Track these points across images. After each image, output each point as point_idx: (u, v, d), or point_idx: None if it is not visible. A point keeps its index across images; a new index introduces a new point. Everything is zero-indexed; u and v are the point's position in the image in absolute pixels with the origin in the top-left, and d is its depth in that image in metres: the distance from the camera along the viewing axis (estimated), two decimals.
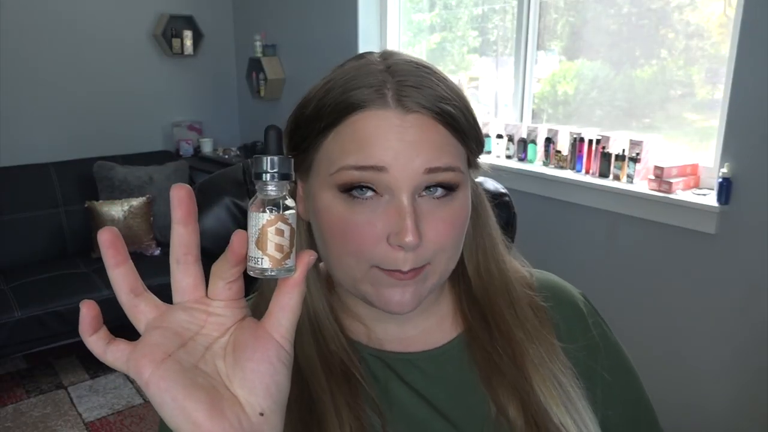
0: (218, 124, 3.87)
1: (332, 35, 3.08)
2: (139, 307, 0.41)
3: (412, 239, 0.51)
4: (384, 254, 0.53)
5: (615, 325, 0.70)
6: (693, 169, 1.95)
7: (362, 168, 0.52)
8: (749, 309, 1.76)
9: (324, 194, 0.55)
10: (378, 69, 0.54)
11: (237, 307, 0.43)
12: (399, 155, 0.51)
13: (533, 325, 0.63)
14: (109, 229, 0.40)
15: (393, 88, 0.53)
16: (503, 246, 0.66)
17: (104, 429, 2.39)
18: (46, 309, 2.53)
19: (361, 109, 0.52)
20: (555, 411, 0.59)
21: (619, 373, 0.69)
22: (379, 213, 0.53)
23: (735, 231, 1.76)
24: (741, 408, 1.83)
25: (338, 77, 0.55)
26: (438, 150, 0.53)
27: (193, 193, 0.41)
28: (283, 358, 0.42)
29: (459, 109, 0.54)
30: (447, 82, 0.55)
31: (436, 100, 0.53)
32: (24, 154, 3.15)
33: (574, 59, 2.34)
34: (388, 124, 0.52)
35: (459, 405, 0.61)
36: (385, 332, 0.64)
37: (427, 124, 0.53)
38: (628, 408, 0.69)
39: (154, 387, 0.38)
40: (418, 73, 0.54)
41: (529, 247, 0.70)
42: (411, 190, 0.52)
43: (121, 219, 2.97)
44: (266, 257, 0.40)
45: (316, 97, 0.56)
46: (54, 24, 3.20)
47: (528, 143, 2.37)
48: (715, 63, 1.92)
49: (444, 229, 0.54)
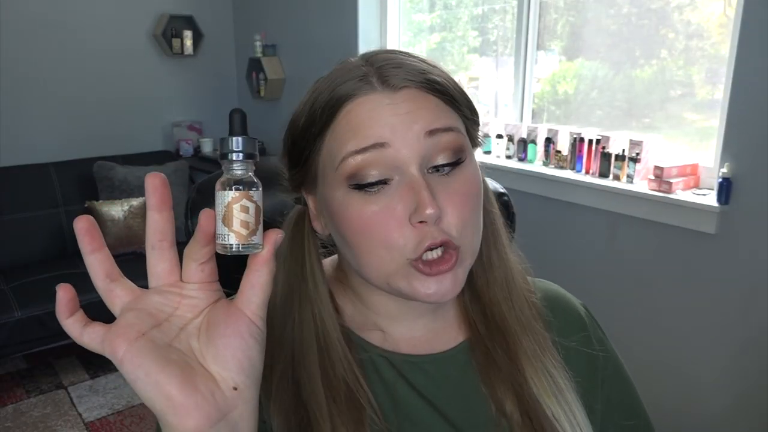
0: (218, 124, 3.87)
1: (332, 35, 3.08)
2: (114, 291, 0.43)
3: (432, 210, 0.50)
4: (410, 237, 0.52)
5: (615, 324, 0.71)
6: (693, 169, 1.95)
7: (364, 150, 0.52)
8: (749, 309, 1.76)
9: (336, 194, 0.55)
10: (357, 64, 0.56)
11: (210, 289, 0.44)
12: (396, 127, 0.52)
13: (526, 317, 0.64)
14: (84, 217, 0.42)
15: (376, 74, 0.54)
16: (506, 237, 0.66)
17: (104, 429, 2.39)
18: (46, 309, 2.53)
19: (350, 99, 0.53)
20: (547, 403, 0.60)
21: (619, 386, 0.69)
22: (393, 196, 0.53)
23: (735, 231, 1.76)
24: (741, 408, 1.83)
25: (322, 84, 0.56)
26: (434, 113, 0.53)
27: (167, 181, 0.42)
28: (254, 333, 0.43)
29: (444, 78, 0.55)
30: (425, 59, 0.57)
31: (419, 72, 0.54)
32: (24, 154, 3.15)
33: (574, 59, 2.34)
34: (379, 104, 0.53)
35: (462, 408, 0.61)
36: (395, 331, 0.63)
37: (417, 95, 0.54)
38: (627, 420, 0.69)
39: (128, 363, 0.40)
40: (395, 57, 0.56)
41: (528, 247, 0.70)
42: (418, 161, 0.52)
43: (121, 219, 2.97)
44: (232, 233, 0.42)
45: (305, 109, 0.56)
46: (54, 24, 3.19)
47: (528, 143, 2.37)
48: (715, 63, 1.92)
49: (460, 200, 0.54)
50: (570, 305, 0.70)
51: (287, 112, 0.59)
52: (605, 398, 0.67)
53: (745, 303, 1.77)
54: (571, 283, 0.75)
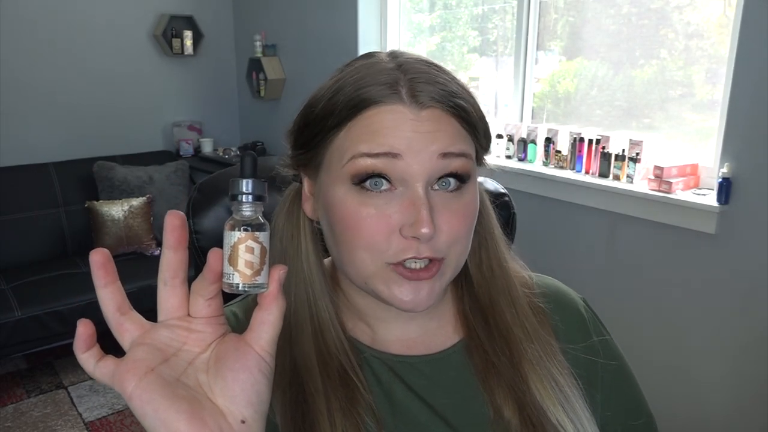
0: (218, 124, 3.87)
1: (332, 35, 3.08)
2: (124, 325, 0.43)
3: (428, 230, 0.51)
4: (396, 245, 0.53)
5: (614, 324, 0.71)
6: (693, 169, 1.95)
7: (375, 155, 0.52)
8: (749, 309, 1.76)
9: (336, 189, 0.55)
10: (389, 67, 0.55)
11: (217, 323, 0.44)
12: (413, 143, 0.52)
13: (532, 325, 0.64)
14: (100, 250, 0.42)
15: (406, 85, 0.53)
16: (505, 245, 0.66)
17: (104, 429, 2.39)
18: (46, 309, 2.53)
19: (375, 105, 0.53)
20: (552, 410, 0.59)
21: (619, 379, 0.69)
22: (393, 205, 0.53)
23: (735, 231, 1.76)
24: (741, 407, 1.83)
25: (348, 76, 0.55)
26: (452, 138, 0.54)
27: (186, 221, 0.43)
28: (263, 368, 0.43)
29: (470, 104, 0.56)
30: (456, 79, 0.57)
31: (449, 95, 0.54)
32: (24, 154, 3.15)
33: (573, 59, 2.34)
34: (402, 117, 0.53)
35: (460, 409, 0.61)
36: (388, 333, 0.64)
37: (440, 116, 0.54)
38: (627, 414, 0.69)
39: (136, 399, 0.40)
40: (429, 70, 0.55)
41: (528, 247, 0.70)
42: (426, 179, 0.53)
43: (121, 219, 2.97)
44: (237, 273, 0.43)
45: (325, 96, 0.56)
46: (54, 24, 3.19)
47: (528, 143, 2.37)
48: (715, 63, 1.92)
49: (457, 222, 0.55)
50: (569, 300, 0.70)
51: (287, 112, 0.59)
52: (605, 391, 0.67)
53: (745, 303, 1.77)
54: (571, 283, 0.75)
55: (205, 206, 0.84)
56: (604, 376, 0.67)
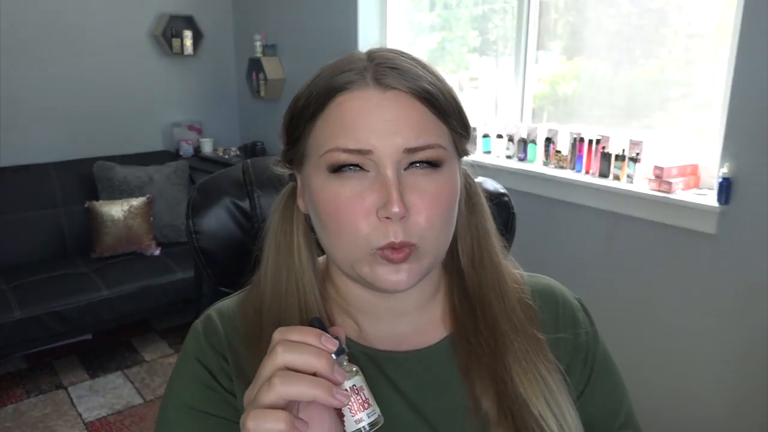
0: (218, 124, 3.87)
1: (332, 35, 3.08)
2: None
3: (398, 209, 0.53)
4: (375, 228, 0.55)
5: (614, 324, 0.71)
6: (693, 169, 1.95)
7: (348, 151, 0.55)
8: (749, 309, 1.76)
9: (316, 177, 0.58)
10: (360, 57, 0.59)
11: None
12: (380, 135, 0.55)
13: (519, 320, 0.64)
14: None
15: (372, 69, 0.56)
16: (499, 244, 0.67)
17: (104, 429, 2.39)
18: (46, 309, 2.52)
19: (343, 91, 0.56)
20: (534, 402, 0.60)
21: (603, 381, 0.69)
22: (366, 187, 0.56)
23: (735, 231, 1.76)
24: (741, 408, 1.83)
25: (325, 70, 0.59)
26: (416, 129, 0.56)
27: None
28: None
29: (436, 87, 0.57)
30: (425, 65, 0.59)
31: (414, 78, 0.56)
32: (24, 154, 3.15)
33: (573, 59, 2.34)
34: (368, 105, 0.55)
35: (438, 402, 0.63)
36: (378, 329, 0.65)
37: (405, 101, 0.56)
38: (610, 415, 0.69)
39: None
40: (397, 58, 0.58)
41: (528, 247, 0.70)
42: (394, 165, 0.55)
43: (121, 219, 2.97)
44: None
45: (305, 91, 0.59)
46: (54, 24, 3.19)
47: (528, 143, 2.37)
48: (715, 63, 1.92)
49: (429, 201, 0.56)
50: (559, 297, 0.70)
51: None
52: (589, 394, 0.67)
53: (745, 303, 1.77)
54: (571, 283, 0.75)
55: (204, 206, 0.84)
56: (590, 376, 0.68)
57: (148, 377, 2.74)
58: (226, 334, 0.64)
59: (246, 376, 0.59)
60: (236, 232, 0.84)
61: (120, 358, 2.88)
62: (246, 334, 0.64)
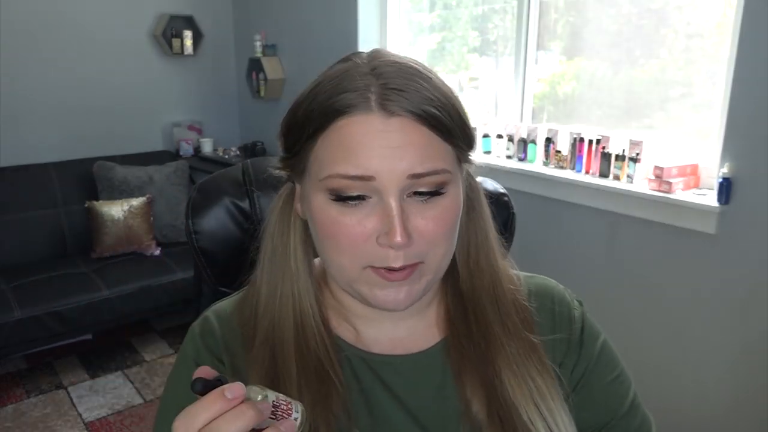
0: (218, 124, 3.87)
1: (332, 35, 3.08)
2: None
3: (400, 240, 0.52)
4: (374, 252, 0.55)
5: (615, 325, 0.71)
6: (693, 169, 1.95)
7: (351, 177, 0.53)
8: (749, 309, 1.76)
9: (316, 196, 0.56)
10: (363, 72, 0.55)
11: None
12: (384, 162, 0.53)
13: (513, 323, 0.64)
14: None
15: (376, 92, 0.53)
16: (496, 242, 0.67)
17: (104, 429, 2.39)
18: (46, 309, 2.52)
19: (346, 115, 0.53)
20: (524, 406, 0.60)
21: (605, 375, 0.69)
22: (367, 214, 0.54)
23: (735, 231, 1.76)
24: (741, 408, 1.83)
25: (325, 81, 0.56)
26: (421, 154, 0.53)
27: None
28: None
29: (444, 110, 0.54)
30: (432, 82, 0.56)
31: (420, 102, 0.53)
32: (24, 154, 3.15)
33: (573, 59, 2.34)
34: (372, 130, 0.53)
35: (436, 411, 0.62)
36: (375, 333, 0.65)
37: (410, 127, 0.53)
38: (615, 412, 0.68)
39: None
40: (402, 75, 0.54)
41: (528, 247, 0.70)
42: (397, 193, 0.53)
43: (121, 219, 2.97)
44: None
45: (305, 101, 0.57)
46: (54, 24, 3.19)
47: (528, 143, 2.37)
48: (715, 63, 1.92)
49: (434, 227, 0.55)
50: (556, 297, 0.70)
51: None
52: (588, 395, 0.67)
53: (745, 303, 1.77)
54: (571, 284, 0.75)
55: (204, 206, 0.84)
56: (586, 368, 0.67)
57: (148, 377, 2.74)
58: (223, 336, 0.64)
59: (242, 377, 0.59)
60: (236, 232, 0.84)
61: (120, 358, 2.88)
62: (243, 336, 0.64)
